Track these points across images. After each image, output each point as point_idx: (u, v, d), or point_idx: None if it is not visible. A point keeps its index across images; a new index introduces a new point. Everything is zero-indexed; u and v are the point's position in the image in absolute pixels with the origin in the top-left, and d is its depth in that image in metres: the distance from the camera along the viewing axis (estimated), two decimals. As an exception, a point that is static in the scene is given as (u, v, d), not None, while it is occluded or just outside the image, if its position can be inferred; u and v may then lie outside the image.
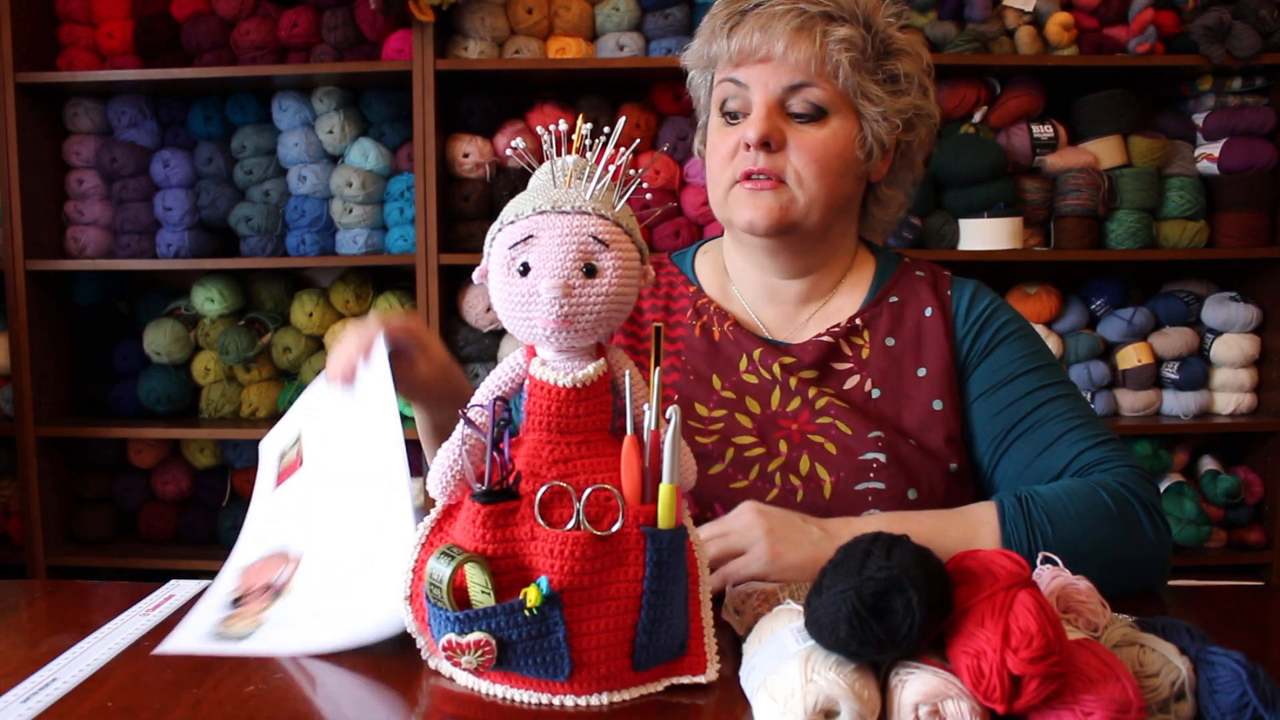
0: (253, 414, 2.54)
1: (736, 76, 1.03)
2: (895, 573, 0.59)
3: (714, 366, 1.10)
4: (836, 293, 1.13)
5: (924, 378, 1.07)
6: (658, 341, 0.75)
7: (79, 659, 0.78)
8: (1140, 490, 0.96)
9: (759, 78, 1.02)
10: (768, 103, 1.02)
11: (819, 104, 1.02)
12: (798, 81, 1.01)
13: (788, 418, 1.07)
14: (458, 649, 0.68)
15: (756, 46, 1.01)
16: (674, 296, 1.16)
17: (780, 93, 1.02)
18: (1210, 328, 2.47)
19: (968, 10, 2.34)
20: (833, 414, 1.05)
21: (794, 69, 1.00)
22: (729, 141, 1.04)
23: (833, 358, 1.09)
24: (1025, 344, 1.08)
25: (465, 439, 0.72)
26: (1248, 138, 2.37)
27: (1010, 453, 1.04)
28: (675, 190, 2.41)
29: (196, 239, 2.47)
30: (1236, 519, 2.49)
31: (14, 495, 2.58)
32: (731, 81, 1.04)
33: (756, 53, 1.01)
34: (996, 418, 1.05)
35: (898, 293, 1.12)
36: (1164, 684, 0.61)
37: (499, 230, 0.72)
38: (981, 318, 1.09)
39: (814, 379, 1.08)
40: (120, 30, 2.45)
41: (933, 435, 1.05)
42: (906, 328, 1.09)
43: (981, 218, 2.34)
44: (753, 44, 1.01)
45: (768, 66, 1.01)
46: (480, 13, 2.34)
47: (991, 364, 1.07)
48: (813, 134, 1.02)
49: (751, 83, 1.02)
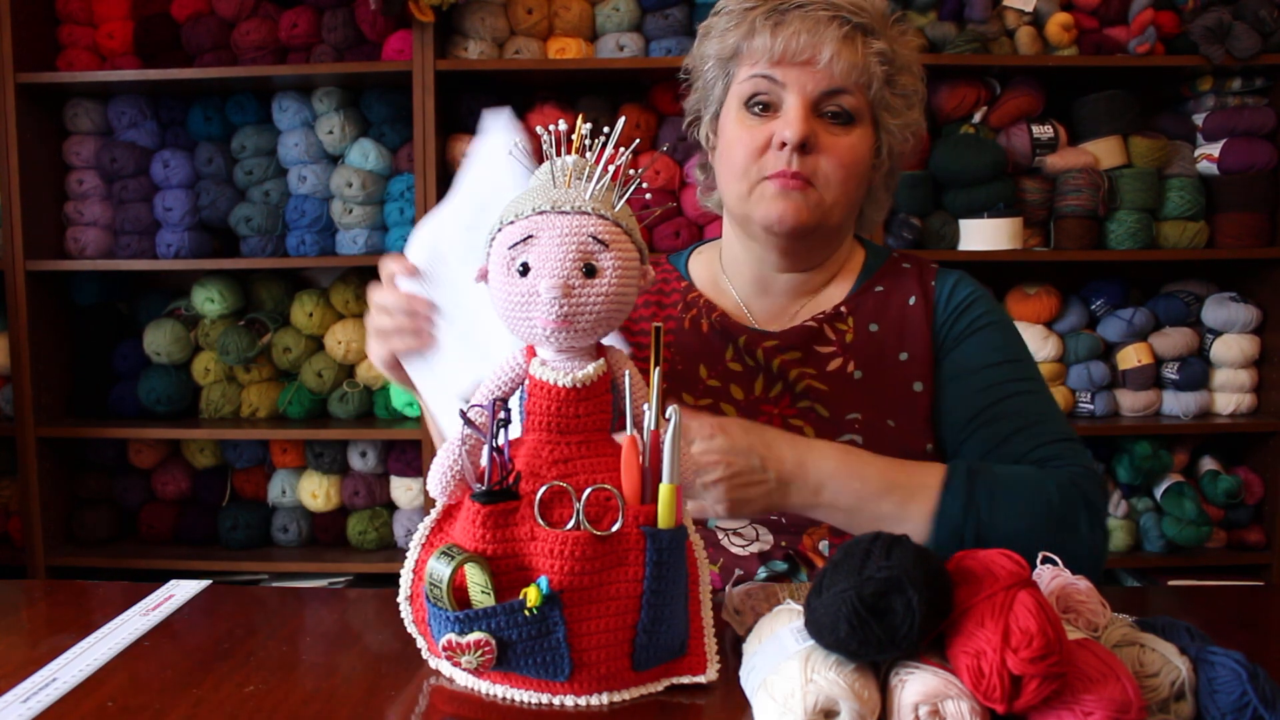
0: (253, 414, 2.54)
1: (773, 74, 1.03)
2: (895, 573, 0.59)
3: (700, 357, 1.13)
4: (827, 286, 1.16)
5: (905, 361, 1.10)
6: (657, 342, 0.75)
7: (79, 659, 0.78)
8: (1089, 491, 0.99)
9: (798, 79, 1.02)
10: (805, 104, 1.02)
11: (851, 110, 1.04)
12: (836, 87, 1.02)
13: (770, 403, 1.10)
14: (458, 649, 0.68)
15: (802, 48, 1.01)
16: (666, 292, 1.19)
17: (818, 96, 1.03)
18: (1210, 328, 2.47)
19: (968, 10, 2.34)
20: (812, 398, 1.09)
21: (835, 76, 1.02)
22: (757, 136, 1.04)
23: (816, 341, 1.11)
24: (999, 336, 1.10)
25: (465, 439, 0.72)
26: (1248, 138, 2.37)
27: (971, 440, 1.06)
28: (675, 190, 2.41)
29: (196, 239, 2.47)
30: (1236, 519, 2.49)
31: (14, 495, 2.58)
32: (766, 78, 1.04)
33: (801, 54, 1.01)
34: (962, 404, 1.08)
35: (884, 283, 1.15)
36: (1164, 684, 0.61)
37: (498, 230, 0.72)
38: (961, 306, 1.11)
39: (797, 360, 1.10)
40: (120, 30, 2.45)
41: (912, 417, 1.08)
42: (890, 315, 1.12)
43: (981, 218, 2.34)
44: (798, 45, 1.01)
45: (809, 69, 1.02)
46: (480, 13, 2.34)
47: (964, 351, 1.09)
48: (843, 140, 1.04)
49: (790, 83, 1.03)
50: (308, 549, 2.57)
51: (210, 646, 0.81)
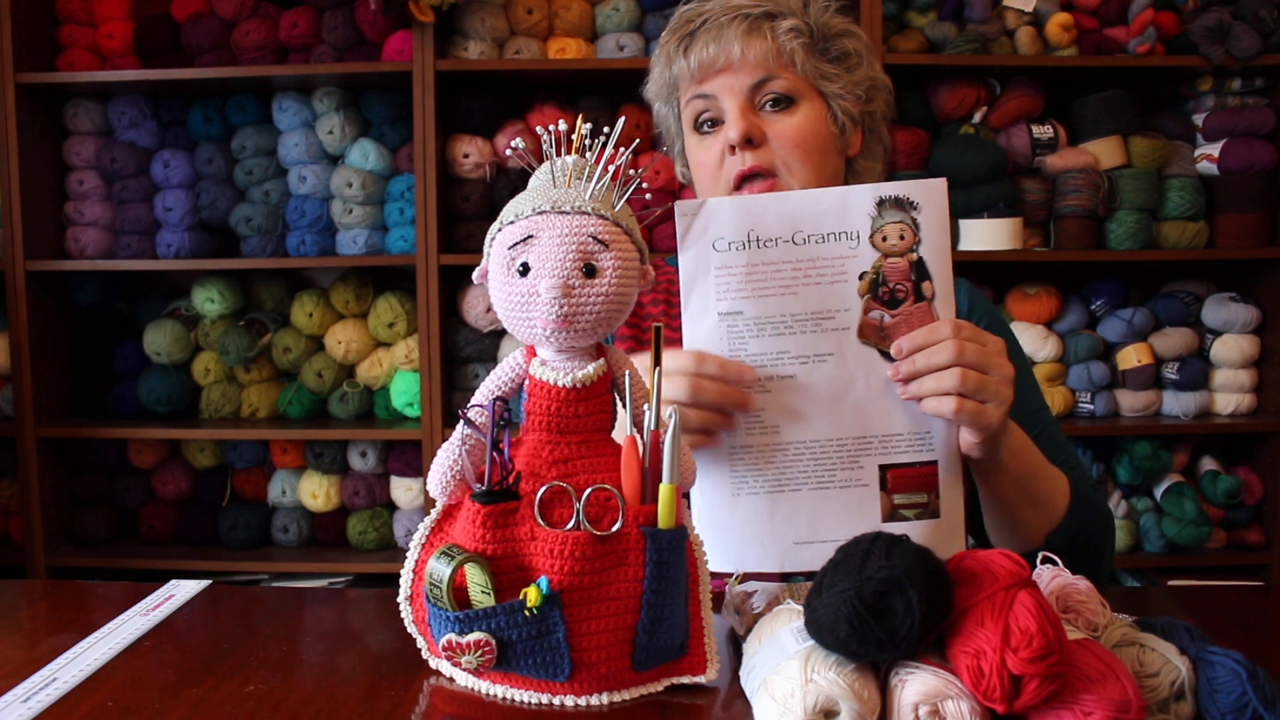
0: (253, 414, 2.54)
1: (703, 90, 1.08)
2: (895, 573, 0.59)
3: None
4: None
5: None
6: (657, 342, 0.75)
7: (79, 659, 0.78)
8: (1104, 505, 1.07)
9: (725, 85, 1.06)
10: (740, 104, 1.06)
11: (786, 93, 1.06)
12: (761, 77, 1.05)
13: None
14: (458, 649, 0.68)
15: (715, 57, 1.05)
16: (673, 293, 1.18)
17: (748, 92, 1.06)
18: (1210, 328, 2.47)
19: (968, 10, 2.34)
20: None
21: (755, 66, 1.05)
22: (712, 151, 1.08)
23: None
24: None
25: (465, 439, 0.72)
26: (1247, 138, 2.37)
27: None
28: (675, 190, 2.41)
29: (196, 239, 2.48)
30: (1236, 519, 2.49)
31: (14, 495, 2.58)
32: (700, 97, 1.08)
33: (716, 63, 1.06)
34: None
35: None
36: (1164, 684, 0.61)
37: (498, 230, 0.72)
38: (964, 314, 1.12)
39: None
40: (120, 30, 2.45)
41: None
42: None
43: (981, 218, 2.34)
44: (710, 55, 1.05)
45: (729, 72, 1.06)
46: (480, 13, 2.34)
47: None
48: (787, 121, 1.06)
49: (719, 92, 1.07)
50: (308, 549, 2.58)
51: (210, 646, 0.81)
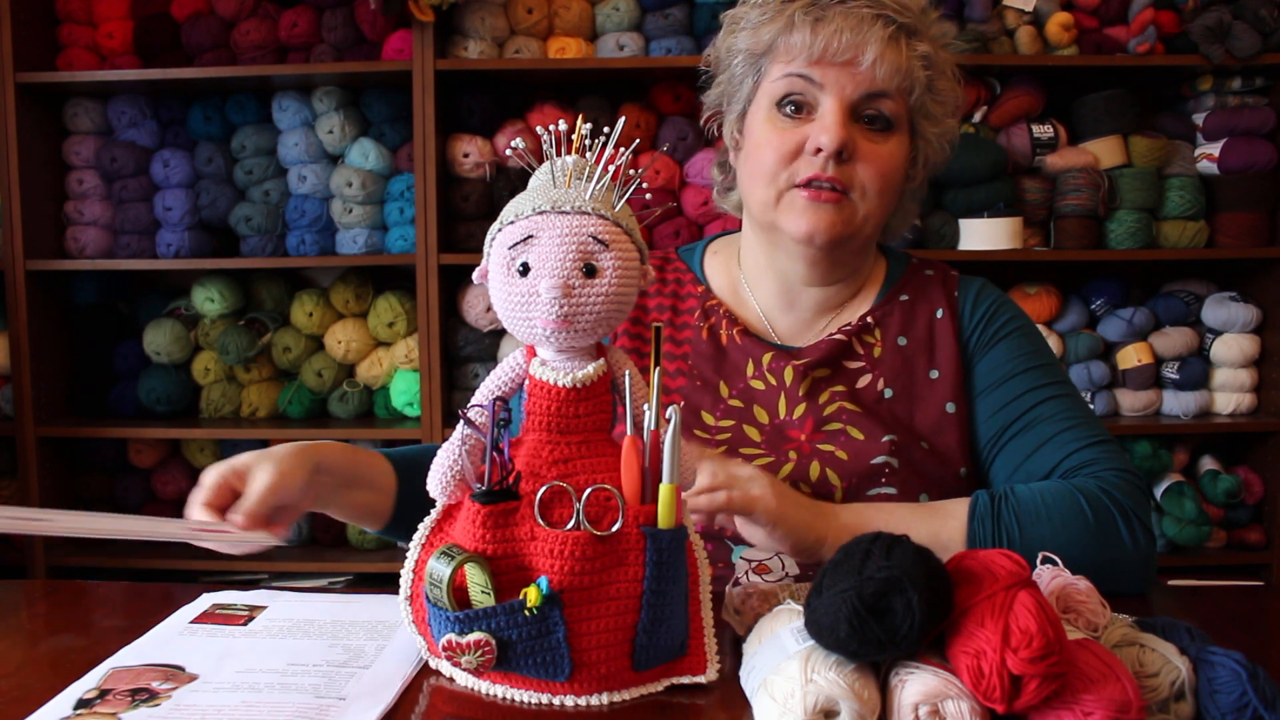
0: (253, 414, 2.54)
1: (811, 74, 0.97)
2: (895, 573, 0.59)
3: (721, 372, 1.08)
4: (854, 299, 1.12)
5: (936, 380, 1.06)
6: (657, 341, 0.75)
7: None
8: (1124, 497, 0.94)
9: (838, 81, 0.96)
10: (844, 107, 0.97)
11: (890, 116, 0.98)
12: (877, 91, 0.97)
13: (795, 426, 1.04)
14: (458, 649, 0.68)
15: (844, 48, 0.95)
16: (681, 295, 1.13)
17: (857, 100, 0.97)
18: (1210, 328, 2.47)
19: (968, 10, 2.34)
20: (844, 419, 1.04)
21: (878, 79, 0.96)
22: (789, 140, 0.99)
23: (845, 355, 1.07)
24: (1025, 342, 1.07)
25: (465, 439, 0.72)
26: (1248, 138, 2.36)
27: (1004, 452, 1.03)
28: (675, 190, 2.41)
29: (196, 239, 2.47)
30: (1236, 519, 2.49)
31: (14, 495, 2.58)
32: (802, 77, 0.98)
33: (842, 54, 0.95)
34: (994, 417, 1.04)
35: (908, 291, 1.11)
36: (1164, 684, 0.61)
37: (499, 230, 0.72)
38: (986, 315, 1.08)
39: (826, 378, 1.06)
40: (120, 30, 2.45)
41: (945, 439, 1.04)
42: (918, 328, 1.08)
43: (981, 218, 2.34)
44: (840, 44, 0.95)
45: (849, 70, 0.96)
46: (480, 13, 2.34)
47: (991, 361, 1.06)
48: (881, 147, 0.99)
49: (828, 84, 0.97)
50: (308, 549, 2.57)
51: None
